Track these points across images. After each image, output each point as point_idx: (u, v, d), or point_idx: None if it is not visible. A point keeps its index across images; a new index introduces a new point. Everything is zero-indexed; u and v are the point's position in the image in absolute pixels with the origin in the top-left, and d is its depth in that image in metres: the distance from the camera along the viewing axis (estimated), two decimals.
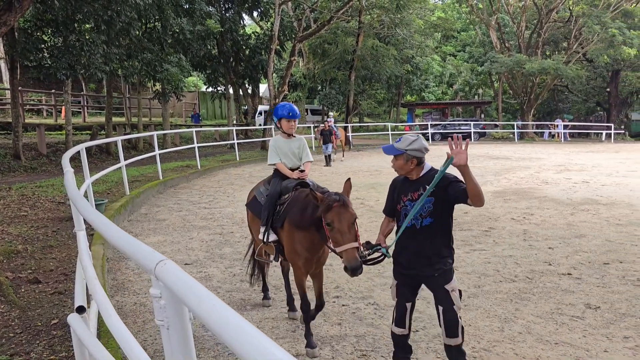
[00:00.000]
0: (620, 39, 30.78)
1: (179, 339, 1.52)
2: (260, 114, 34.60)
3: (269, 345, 1.00)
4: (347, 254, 3.47)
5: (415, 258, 3.47)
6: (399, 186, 3.60)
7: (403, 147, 3.41)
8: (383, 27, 30.97)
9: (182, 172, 15.32)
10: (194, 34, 19.74)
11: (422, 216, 3.40)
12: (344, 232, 3.52)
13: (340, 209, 3.58)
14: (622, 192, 12.61)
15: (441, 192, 3.31)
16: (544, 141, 36.29)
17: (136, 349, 2.15)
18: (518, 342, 4.43)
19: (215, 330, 1.16)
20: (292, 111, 4.77)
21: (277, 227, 4.36)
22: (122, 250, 1.89)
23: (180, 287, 1.39)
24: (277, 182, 4.63)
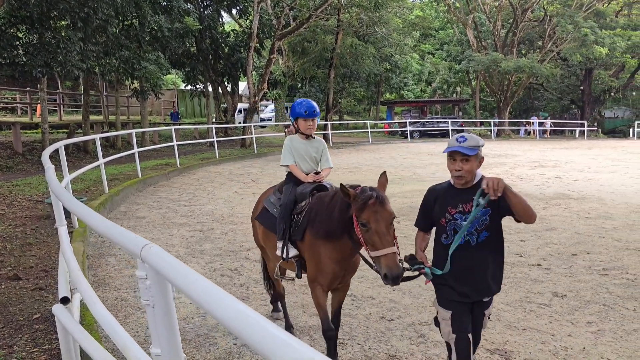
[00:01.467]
0: (593, 39, 31.53)
1: (164, 315, 1.64)
2: (240, 112, 34.57)
3: (245, 309, 1.14)
4: (386, 260, 2.95)
5: (470, 280, 2.96)
6: (442, 196, 3.06)
7: (475, 144, 2.87)
8: (362, 26, 31.22)
9: (161, 170, 15.30)
10: (173, 31, 19.66)
11: (478, 230, 2.91)
12: (382, 234, 3.01)
13: (377, 206, 3.06)
14: (592, 187, 13.02)
15: (496, 202, 2.83)
16: (520, 138, 36.99)
17: (121, 332, 2.27)
18: (488, 329, 4.63)
19: (199, 301, 1.29)
20: (309, 109, 4.14)
21: (296, 240, 3.81)
22: (108, 237, 2.00)
23: (165, 266, 1.52)
24: (291, 188, 4.04)
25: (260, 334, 1.05)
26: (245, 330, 1.10)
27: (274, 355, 0.99)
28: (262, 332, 1.06)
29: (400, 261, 3.04)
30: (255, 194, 12.27)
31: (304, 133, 4.21)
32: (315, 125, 4.22)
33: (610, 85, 39.30)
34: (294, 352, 0.97)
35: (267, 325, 1.07)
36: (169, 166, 16.35)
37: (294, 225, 3.81)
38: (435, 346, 4.29)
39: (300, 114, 4.13)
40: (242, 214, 9.89)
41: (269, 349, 1.01)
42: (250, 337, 1.08)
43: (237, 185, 13.71)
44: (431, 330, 4.60)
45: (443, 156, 3.28)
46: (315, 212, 3.61)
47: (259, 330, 1.07)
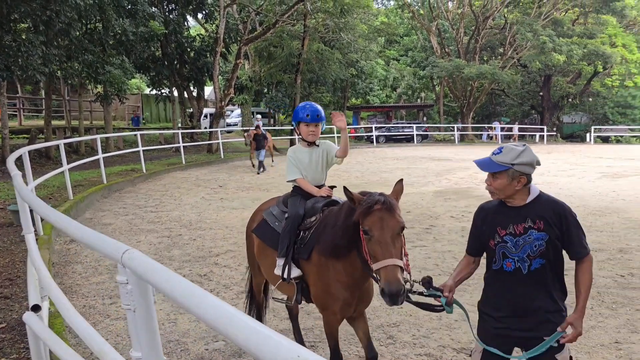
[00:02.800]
0: (551, 46, 32.61)
1: (145, 319, 1.69)
2: (206, 117, 34.31)
3: (227, 307, 1.21)
4: (385, 273, 2.63)
5: (516, 313, 2.63)
6: (491, 215, 2.74)
7: (508, 161, 2.57)
8: (328, 31, 31.46)
9: (126, 176, 15.06)
10: (137, 35, 19.41)
11: (531, 257, 2.57)
12: (385, 244, 2.71)
13: (382, 212, 2.77)
14: (552, 190, 13.47)
15: (556, 229, 2.56)
16: (483, 143, 37.91)
17: (96, 337, 2.29)
18: (454, 329, 4.79)
19: (184, 304, 1.35)
20: (312, 112, 3.69)
21: (301, 259, 3.42)
22: (87, 244, 2.02)
23: (146, 270, 1.56)
24: (299, 201, 3.65)
25: (247, 333, 1.11)
26: (232, 329, 1.16)
27: (261, 352, 1.06)
28: (249, 331, 1.12)
29: (411, 281, 2.78)
30: (223, 199, 12.26)
31: (306, 140, 3.77)
32: (319, 131, 3.76)
33: (568, 91, 40.70)
34: (280, 349, 1.03)
35: (254, 324, 1.13)
36: (134, 172, 16.10)
37: (299, 242, 3.43)
38: (403, 347, 4.41)
39: (302, 119, 3.70)
40: (210, 219, 9.85)
41: (257, 347, 1.07)
42: (237, 336, 1.14)
43: (204, 191, 13.63)
44: (399, 332, 4.72)
45: (408, 161, 3.35)
46: (324, 226, 3.27)
47: (245, 329, 1.13)
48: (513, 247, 2.60)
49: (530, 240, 2.56)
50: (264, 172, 18.07)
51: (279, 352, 1.02)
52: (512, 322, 2.64)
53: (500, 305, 2.68)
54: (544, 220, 2.55)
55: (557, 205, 2.60)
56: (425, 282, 2.79)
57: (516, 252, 2.60)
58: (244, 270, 6.55)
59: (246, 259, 7.04)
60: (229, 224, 9.39)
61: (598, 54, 33.69)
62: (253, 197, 12.61)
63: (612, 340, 4.47)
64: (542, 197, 2.65)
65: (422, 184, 14.71)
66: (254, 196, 12.72)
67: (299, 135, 3.83)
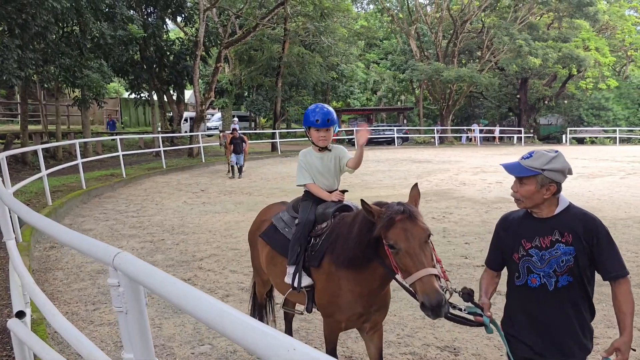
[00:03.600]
0: (527, 50, 33.20)
1: (137, 320, 1.71)
2: (186, 121, 34.08)
3: (222, 305, 1.24)
4: (422, 285, 2.46)
5: (542, 334, 2.45)
6: (515, 226, 2.56)
7: (538, 166, 2.39)
8: (308, 35, 31.57)
9: (106, 181, 14.90)
10: (116, 38, 19.22)
11: (558, 273, 2.39)
12: (415, 255, 2.53)
13: (405, 223, 2.60)
14: None
15: (585, 244, 2.37)
16: (462, 145, 38.36)
17: (84, 341, 2.29)
18: (437, 328, 4.87)
19: (178, 303, 1.38)
20: (322, 117, 3.46)
21: (312, 267, 3.30)
22: (77, 248, 2.03)
23: (139, 273, 1.59)
24: (310, 206, 3.48)
25: (242, 329, 1.15)
26: (228, 327, 1.19)
27: (258, 347, 1.10)
28: (243, 326, 1.16)
29: (450, 289, 2.59)
30: (205, 203, 12.21)
31: (317, 145, 3.57)
32: (330, 136, 3.54)
33: (544, 94, 41.44)
34: (275, 342, 1.07)
35: (248, 320, 1.17)
36: (114, 177, 15.93)
37: (310, 249, 3.30)
38: (389, 346, 4.46)
39: (312, 124, 3.48)
40: (193, 224, 9.81)
41: (252, 341, 1.11)
42: (232, 332, 1.17)
43: (186, 195, 13.56)
44: (384, 332, 4.78)
45: (389, 163, 3.37)
46: (337, 235, 3.12)
47: (240, 325, 1.17)
48: (538, 262, 2.42)
49: (557, 254, 2.38)
50: (239, 177, 17.40)
51: (275, 346, 1.06)
52: (539, 343, 2.45)
53: (524, 325, 2.50)
54: (572, 233, 2.36)
55: (587, 219, 2.40)
56: (466, 294, 2.55)
57: (542, 266, 2.41)
58: (228, 274, 6.57)
59: (231, 262, 7.08)
60: (211, 228, 9.36)
61: (572, 57, 34.41)
62: (235, 200, 12.59)
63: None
64: (572, 209, 2.46)
65: (403, 186, 14.84)
66: (236, 200, 12.70)
67: (310, 140, 3.63)
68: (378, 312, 3.24)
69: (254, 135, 35.28)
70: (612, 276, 2.38)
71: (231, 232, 8.99)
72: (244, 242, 8.24)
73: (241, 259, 7.27)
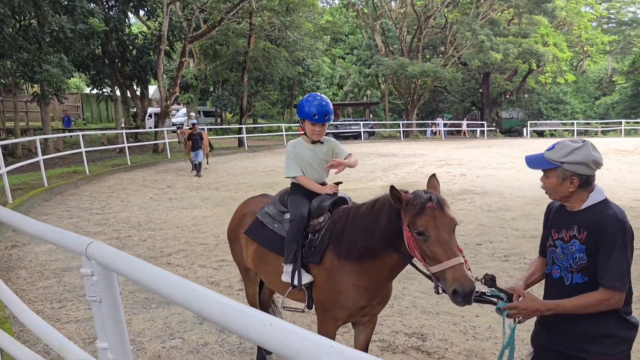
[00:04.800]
0: (488, 45, 33.93)
1: (111, 309, 1.72)
2: (150, 117, 33.47)
3: (198, 287, 1.28)
4: (454, 273, 2.42)
5: (558, 326, 2.39)
6: (552, 215, 2.52)
7: (557, 158, 2.31)
8: (274, 30, 31.41)
9: (68, 179, 14.54)
10: (76, 32, 18.72)
11: (573, 269, 2.32)
12: (445, 242, 2.49)
13: (436, 211, 2.57)
14: (493, 182, 14.09)
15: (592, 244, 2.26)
16: (427, 139, 38.96)
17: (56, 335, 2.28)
18: (405, 315, 4.99)
19: (154, 288, 1.41)
20: (320, 113, 3.28)
21: (311, 264, 3.15)
22: (48, 240, 2.02)
23: (113, 261, 1.61)
24: (301, 200, 3.32)
25: (220, 308, 1.19)
26: (206, 307, 1.23)
27: (236, 325, 1.14)
28: (221, 306, 1.20)
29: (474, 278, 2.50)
30: (172, 199, 12.08)
31: (310, 138, 3.42)
32: (325, 130, 3.38)
33: (505, 88, 42.47)
34: (252, 320, 1.12)
35: (225, 300, 1.22)
36: (77, 174, 15.56)
37: (308, 246, 3.17)
38: None
39: (308, 117, 3.29)
40: (160, 220, 9.71)
41: (231, 320, 1.16)
42: (211, 312, 1.22)
43: (152, 192, 13.37)
44: None
45: (357, 157, 3.40)
46: (343, 228, 3.02)
47: (217, 305, 1.21)
48: (561, 254, 2.37)
49: (572, 250, 2.31)
50: (196, 176, 16.46)
51: (252, 323, 1.11)
52: (554, 336, 2.42)
53: (543, 317, 2.47)
54: (587, 231, 2.25)
55: (602, 218, 2.24)
56: (488, 280, 2.53)
57: (562, 259, 2.36)
58: (197, 269, 6.55)
59: (200, 257, 7.06)
60: (179, 224, 9.29)
61: (532, 52, 35.36)
62: (203, 196, 12.50)
63: None
64: (600, 205, 2.29)
65: (370, 179, 15.02)
66: (203, 195, 12.61)
67: (303, 130, 3.44)
68: (380, 304, 3.19)
69: (220, 130, 35.01)
70: (601, 283, 2.22)
71: (199, 228, 8.94)
72: (212, 236, 8.23)
73: (210, 253, 7.25)
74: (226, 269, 6.48)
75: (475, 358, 4.10)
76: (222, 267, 6.56)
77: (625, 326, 2.29)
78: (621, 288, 2.19)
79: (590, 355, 2.29)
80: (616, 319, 2.27)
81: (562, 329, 2.37)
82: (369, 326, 3.33)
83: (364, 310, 3.10)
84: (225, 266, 6.58)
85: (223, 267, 6.58)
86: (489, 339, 4.44)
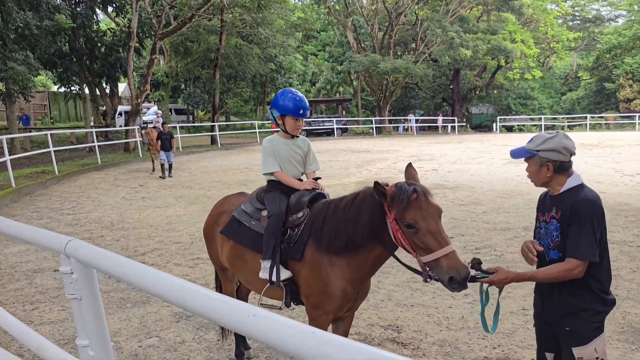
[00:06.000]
0: (458, 42, 34.42)
1: (91, 306, 1.74)
2: (121, 115, 32.94)
3: (180, 281, 1.31)
4: (449, 261, 2.49)
5: (547, 299, 2.69)
6: (540, 200, 2.81)
7: (533, 147, 2.59)
8: (246, 26, 31.22)
9: (37, 179, 14.23)
10: (42, 29, 18.27)
11: (551, 247, 2.60)
12: (436, 232, 2.54)
13: (422, 202, 2.59)
14: (464, 177, 14.35)
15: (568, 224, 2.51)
16: (399, 134, 39.32)
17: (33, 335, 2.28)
18: (381, 308, 5.08)
19: (137, 284, 1.43)
20: (304, 107, 3.36)
21: (291, 260, 3.14)
22: (26, 240, 2.01)
23: (93, 258, 1.62)
24: (279, 196, 3.33)
25: (203, 300, 1.23)
26: (189, 300, 1.27)
27: (219, 315, 1.18)
28: (203, 298, 1.24)
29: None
30: (145, 198, 11.94)
31: (290, 133, 3.46)
32: (302, 125, 3.50)
33: (475, 84, 43.15)
34: (236, 310, 1.16)
35: (207, 292, 1.25)
36: (45, 174, 15.23)
37: (287, 242, 3.16)
38: None
39: (293, 112, 3.34)
40: (133, 219, 9.61)
41: (214, 311, 1.20)
42: (193, 304, 1.25)
43: (124, 191, 13.19)
44: None
45: (330, 154, 3.45)
46: (323, 222, 3.02)
47: (199, 298, 1.25)
48: (544, 234, 2.64)
49: (551, 230, 2.58)
50: (170, 176, 15.51)
51: (236, 313, 1.15)
52: (544, 309, 2.70)
53: (537, 290, 2.76)
54: (562, 211, 2.52)
55: (577, 199, 2.50)
56: (476, 264, 2.64)
57: (545, 238, 2.64)
58: (172, 267, 6.52)
59: (175, 256, 7.03)
60: (153, 223, 9.20)
61: (500, 49, 36.01)
62: (176, 194, 12.40)
63: (520, 307, 4.95)
64: (575, 189, 2.55)
65: (344, 175, 15.13)
66: (177, 194, 12.51)
67: (279, 127, 3.48)
68: (361, 298, 3.25)
69: (192, 128, 34.63)
70: (568, 254, 2.47)
71: (173, 226, 8.88)
72: (187, 235, 8.19)
73: (185, 251, 7.22)
74: (202, 266, 6.47)
75: (449, 347, 4.22)
76: (197, 265, 6.55)
77: (602, 302, 2.54)
78: (584, 258, 2.43)
79: (572, 327, 2.54)
80: (595, 296, 2.53)
81: (549, 302, 2.65)
82: (347, 321, 3.38)
83: (350, 304, 3.13)
84: (201, 264, 6.56)
85: (199, 265, 6.56)
86: (462, 329, 4.56)
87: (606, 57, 44.64)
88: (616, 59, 43.31)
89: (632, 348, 4.11)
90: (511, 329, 4.52)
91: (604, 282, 2.54)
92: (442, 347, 4.23)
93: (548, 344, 2.75)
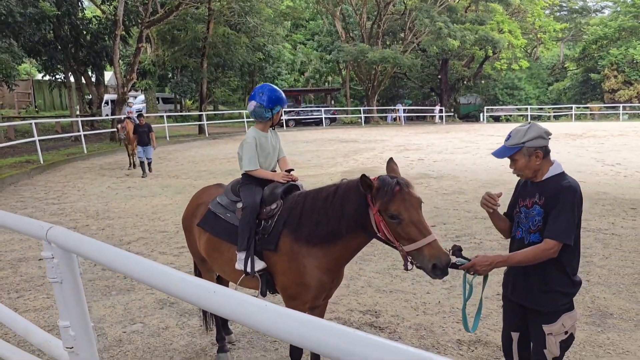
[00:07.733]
0: (446, 32, 34.50)
1: (72, 288, 1.84)
2: (107, 104, 32.70)
3: (158, 265, 1.42)
4: (431, 249, 2.60)
5: (519, 281, 2.82)
6: (521, 186, 2.94)
7: (517, 141, 2.71)
8: (233, 15, 31.02)
9: (21, 168, 14.19)
10: (26, 16, 18.09)
11: (531, 230, 2.73)
12: (418, 223, 2.66)
13: (405, 194, 2.71)
14: (449, 167, 14.54)
15: (550, 209, 2.66)
16: (388, 124, 39.47)
17: (19, 320, 2.37)
18: (361, 294, 5.22)
19: (117, 268, 1.54)
20: (286, 99, 3.68)
21: (265, 250, 3.21)
22: (9, 227, 2.10)
23: (74, 244, 1.72)
24: (254, 189, 3.39)
25: (184, 285, 1.34)
26: (169, 284, 1.37)
27: (185, 293, 1.29)
28: (184, 284, 1.34)
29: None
30: (130, 188, 11.98)
31: (276, 124, 3.67)
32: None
33: (463, 74, 43.34)
34: (199, 289, 1.27)
35: (188, 277, 1.36)
36: (30, 163, 15.18)
37: (261, 233, 3.23)
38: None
39: (283, 102, 3.57)
40: (119, 208, 9.66)
41: (181, 289, 1.31)
42: (175, 289, 1.35)
43: (110, 180, 13.20)
44: None
45: (317, 143, 3.57)
46: (301, 213, 3.09)
47: (181, 283, 1.35)
48: (524, 218, 2.77)
49: (533, 214, 2.71)
50: (149, 172, 14.11)
51: (199, 291, 1.26)
52: (518, 291, 2.82)
53: (512, 273, 2.88)
54: (545, 197, 2.66)
55: (560, 187, 2.65)
56: (456, 251, 2.75)
57: (525, 222, 2.76)
58: (157, 256, 6.61)
59: (160, 245, 7.11)
60: (138, 212, 9.26)
61: (488, 39, 36.17)
62: (162, 184, 12.44)
63: (495, 292, 5.11)
64: (558, 177, 2.71)
65: (331, 165, 15.24)
66: (163, 183, 12.55)
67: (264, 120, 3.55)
68: (336, 285, 3.35)
69: (180, 117, 34.51)
70: (545, 235, 2.61)
71: (159, 215, 8.95)
72: (173, 224, 8.27)
73: (170, 240, 7.31)
74: (187, 255, 6.56)
75: (424, 331, 4.37)
76: (182, 254, 6.65)
77: (571, 284, 2.72)
78: (560, 239, 2.59)
79: (543, 308, 2.71)
80: (563, 277, 2.70)
81: (519, 285, 2.80)
82: (321, 308, 3.48)
83: (326, 292, 3.24)
84: (186, 252, 6.65)
85: (183, 253, 6.66)
86: (438, 313, 4.72)
87: (592, 48, 44.98)
88: (602, 50, 43.68)
89: (598, 330, 4.29)
90: (485, 313, 4.68)
91: (574, 266, 2.73)
92: (418, 330, 4.39)
93: (514, 324, 2.91)
